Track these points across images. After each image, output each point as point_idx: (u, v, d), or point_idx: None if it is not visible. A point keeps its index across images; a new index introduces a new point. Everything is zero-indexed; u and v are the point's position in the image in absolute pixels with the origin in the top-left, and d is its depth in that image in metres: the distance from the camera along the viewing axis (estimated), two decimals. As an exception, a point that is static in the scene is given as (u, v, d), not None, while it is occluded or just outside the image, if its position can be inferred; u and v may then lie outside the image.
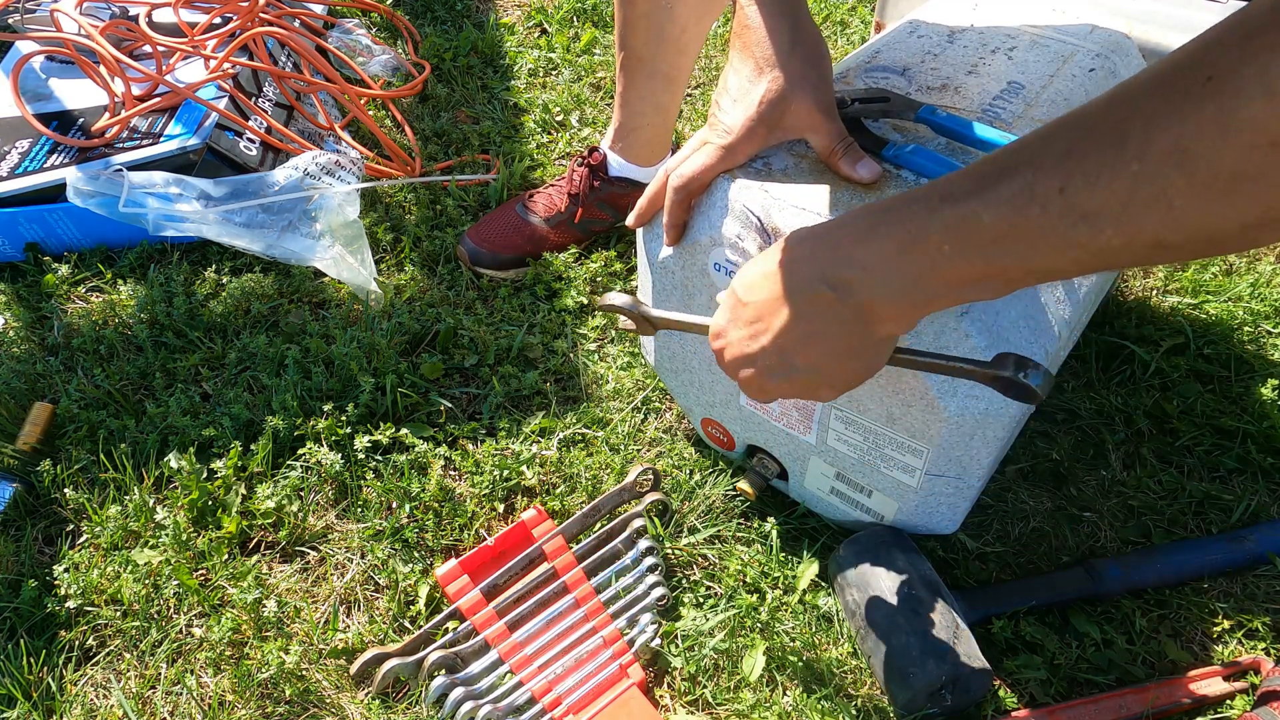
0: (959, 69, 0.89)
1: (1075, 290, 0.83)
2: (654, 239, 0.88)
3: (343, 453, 1.07)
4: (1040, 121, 0.81)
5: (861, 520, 0.96)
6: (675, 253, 0.85)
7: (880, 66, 0.91)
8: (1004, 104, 0.84)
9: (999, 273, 0.53)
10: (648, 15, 1.09)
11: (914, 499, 0.87)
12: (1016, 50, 0.92)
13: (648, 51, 1.13)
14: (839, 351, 0.63)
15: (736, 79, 0.76)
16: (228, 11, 1.48)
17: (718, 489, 1.03)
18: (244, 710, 0.88)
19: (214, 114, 1.36)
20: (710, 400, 0.99)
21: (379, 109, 1.59)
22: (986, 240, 0.51)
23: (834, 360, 0.64)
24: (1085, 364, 1.19)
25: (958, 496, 0.87)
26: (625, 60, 1.16)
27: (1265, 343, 1.20)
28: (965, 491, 0.86)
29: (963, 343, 0.72)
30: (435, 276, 1.30)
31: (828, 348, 0.63)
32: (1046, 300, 0.79)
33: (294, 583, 0.98)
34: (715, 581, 0.97)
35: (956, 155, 0.78)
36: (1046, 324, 0.78)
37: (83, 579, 0.95)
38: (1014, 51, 0.92)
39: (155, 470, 1.06)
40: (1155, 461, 1.08)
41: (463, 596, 0.93)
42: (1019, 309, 0.76)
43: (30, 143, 1.35)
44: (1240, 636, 0.93)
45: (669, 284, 0.88)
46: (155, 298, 1.23)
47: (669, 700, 0.90)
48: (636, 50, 1.14)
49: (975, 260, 0.53)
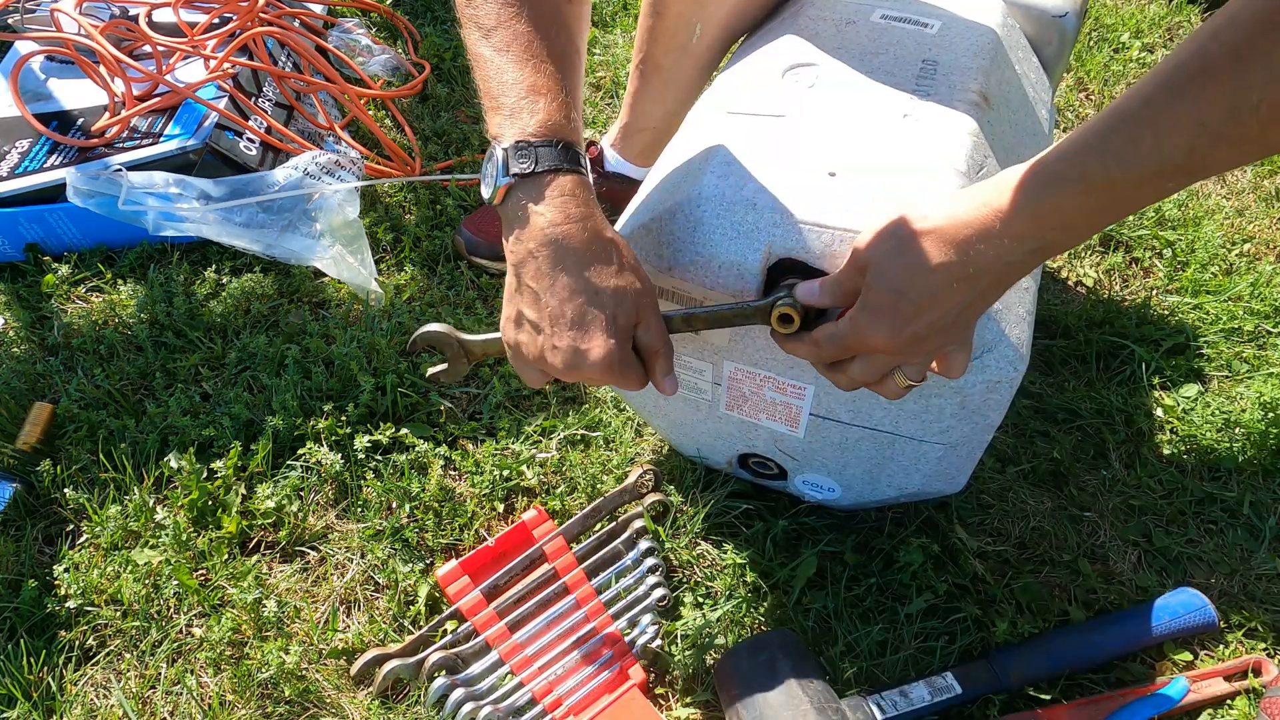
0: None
1: None
2: None
3: (343, 453, 1.07)
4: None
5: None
6: None
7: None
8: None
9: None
10: (674, 30, 1.08)
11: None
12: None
13: (668, 61, 1.13)
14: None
15: None
16: (227, 11, 1.48)
17: (718, 489, 1.03)
18: (244, 710, 0.88)
19: (214, 114, 1.36)
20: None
21: (379, 109, 1.59)
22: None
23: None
24: (1085, 364, 1.19)
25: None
26: (643, 65, 1.17)
27: (1265, 343, 1.20)
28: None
29: None
30: (435, 276, 1.30)
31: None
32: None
33: (294, 583, 0.98)
34: (715, 581, 0.97)
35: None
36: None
37: (83, 579, 0.95)
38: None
39: (155, 470, 1.06)
40: (1155, 461, 1.08)
41: (463, 597, 0.93)
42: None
43: (30, 143, 1.34)
44: (1240, 636, 0.94)
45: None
46: (155, 298, 1.23)
47: (670, 701, 0.90)
48: (656, 59, 1.14)
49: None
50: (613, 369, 0.69)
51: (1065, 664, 0.89)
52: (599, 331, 0.69)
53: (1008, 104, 0.90)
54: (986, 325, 0.74)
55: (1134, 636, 0.90)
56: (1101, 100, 1.61)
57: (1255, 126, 0.50)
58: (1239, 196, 1.44)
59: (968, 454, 0.86)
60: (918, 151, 0.78)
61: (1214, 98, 0.50)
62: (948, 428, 0.82)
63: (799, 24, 0.94)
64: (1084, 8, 1.04)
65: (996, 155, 0.84)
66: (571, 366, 0.70)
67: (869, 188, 0.75)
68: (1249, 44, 0.49)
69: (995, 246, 0.60)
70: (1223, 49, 0.50)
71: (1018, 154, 0.89)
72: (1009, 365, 0.75)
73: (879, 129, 0.81)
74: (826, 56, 0.89)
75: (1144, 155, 0.54)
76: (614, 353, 0.69)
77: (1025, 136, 0.92)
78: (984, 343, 0.74)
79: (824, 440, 0.89)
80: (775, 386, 0.86)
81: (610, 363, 0.69)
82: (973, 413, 0.79)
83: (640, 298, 0.71)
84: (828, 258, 0.73)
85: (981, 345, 0.74)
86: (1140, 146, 0.54)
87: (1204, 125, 0.51)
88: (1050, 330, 1.23)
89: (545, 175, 0.68)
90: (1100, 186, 0.56)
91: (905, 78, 0.86)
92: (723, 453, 1.00)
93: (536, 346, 0.71)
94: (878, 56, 0.88)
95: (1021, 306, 0.78)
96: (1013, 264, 0.61)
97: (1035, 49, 1.02)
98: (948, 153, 0.78)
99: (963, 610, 0.94)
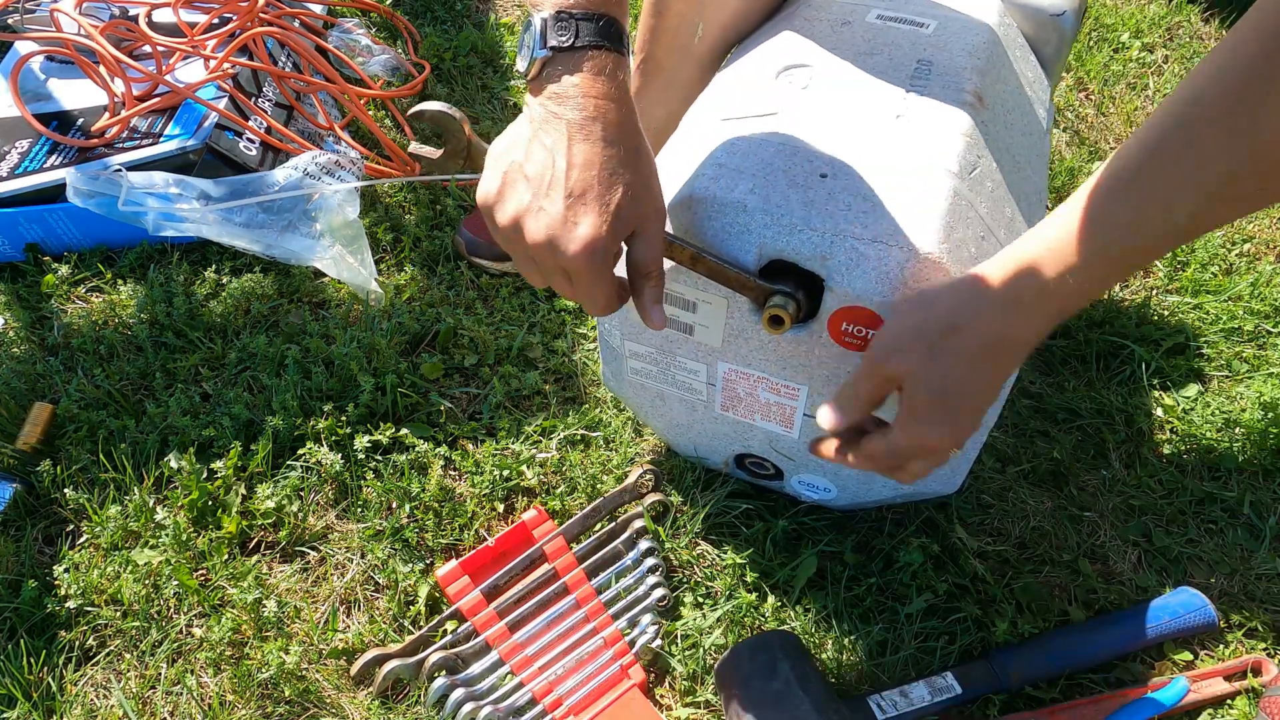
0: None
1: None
2: None
3: (343, 453, 1.07)
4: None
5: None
6: None
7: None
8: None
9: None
10: (675, 30, 1.08)
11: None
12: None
13: (669, 61, 1.14)
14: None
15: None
16: (227, 11, 1.48)
17: (718, 489, 1.03)
18: (244, 710, 0.88)
19: (214, 114, 1.36)
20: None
21: (379, 109, 1.59)
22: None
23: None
24: (1085, 364, 1.19)
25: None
26: (644, 64, 1.17)
27: (1265, 343, 1.20)
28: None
29: None
30: (435, 276, 1.30)
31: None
32: None
33: (294, 583, 0.98)
34: (715, 581, 0.97)
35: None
36: None
37: (83, 579, 0.95)
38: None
39: (155, 470, 1.06)
40: (1155, 461, 1.08)
41: (463, 597, 0.93)
42: None
43: (30, 143, 1.34)
44: (1240, 636, 0.94)
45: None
46: (155, 298, 1.23)
47: (670, 701, 0.90)
48: (657, 58, 1.14)
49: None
50: (594, 258, 0.62)
51: (1065, 664, 0.89)
52: (595, 212, 0.62)
53: (1003, 104, 0.90)
54: None
55: (1134, 637, 0.90)
56: (1101, 100, 1.61)
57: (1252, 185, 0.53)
58: (1239, 196, 1.44)
59: (963, 455, 0.86)
60: (910, 152, 0.78)
61: (1207, 164, 0.53)
62: None
63: (795, 25, 0.94)
64: (1083, 7, 1.04)
65: (992, 155, 0.84)
66: (548, 238, 0.62)
67: (860, 189, 0.75)
68: (1229, 113, 0.52)
69: (1022, 330, 0.64)
70: (1204, 113, 0.53)
71: (1014, 154, 0.89)
72: None
73: (871, 130, 0.81)
74: (821, 57, 0.89)
75: (1155, 224, 0.57)
76: (602, 240, 0.62)
77: (1021, 136, 0.92)
78: None
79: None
80: (769, 388, 0.86)
81: (594, 249, 0.62)
82: None
83: (650, 204, 0.65)
84: (819, 259, 0.73)
85: None
86: (1150, 216, 0.57)
87: (1202, 187, 0.55)
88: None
89: (586, 50, 0.62)
90: (1116, 259, 0.59)
91: (900, 78, 0.86)
92: (719, 453, 1.00)
93: (519, 205, 0.63)
94: (873, 57, 0.88)
95: None
96: (1036, 339, 0.66)
97: (1034, 48, 1.02)
98: (940, 153, 0.78)
99: (963, 610, 0.94)
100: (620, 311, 0.87)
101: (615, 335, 0.90)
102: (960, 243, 0.74)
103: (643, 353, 0.91)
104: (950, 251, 0.72)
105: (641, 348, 0.90)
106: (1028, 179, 0.90)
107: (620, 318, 0.88)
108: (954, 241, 0.73)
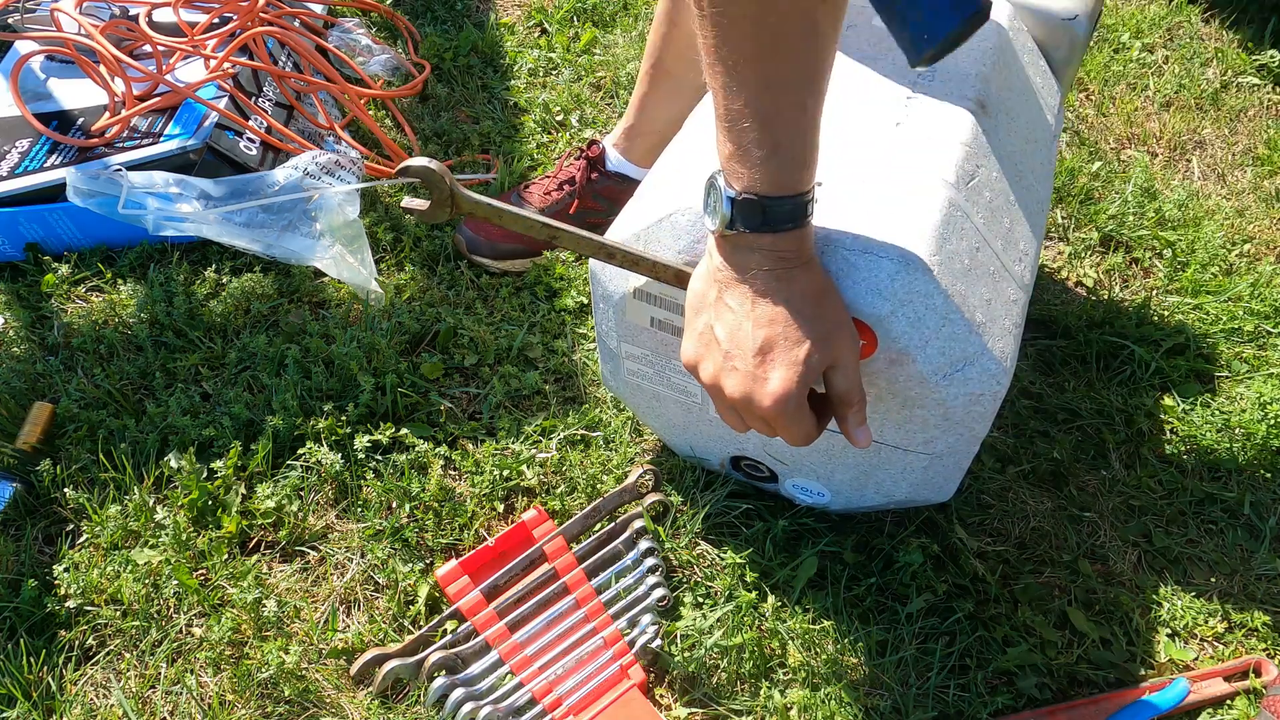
0: None
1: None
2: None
3: (343, 452, 1.07)
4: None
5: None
6: None
7: None
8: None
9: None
10: (689, 40, 1.09)
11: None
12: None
13: (679, 69, 1.14)
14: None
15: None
16: (228, 11, 1.48)
17: (717, 490, 1.03)
18: (244, 710, 0.88)
19: (214, 114, 1.36)
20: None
21: (379, 109, 1.59)
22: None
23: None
24: (1085, 364, 1.19)
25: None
26: (653, 70, 1.17)
27: (1265, 343, 1.20)
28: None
29: None
30: (435, 276, 1.30)
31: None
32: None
33: (294, 582, 0.98)
34: (715, 581, 0.97)
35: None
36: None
37: (83, 579, 0.95)
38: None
39: (155, 470, 1.06)
40: (1155, 461, 1.08)
41: (463, 597, 0.93)
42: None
43: (30, 142, 1.34)
44: (1240, 636, 0.94)
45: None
46: (155, 298, 1.23)
47: (670, 701, 0.90)
48: (667, 65, 1.14)
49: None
50: (786, 407, 0.67)
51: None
52: (785, 365, 0.66)
53: (1008, 110, 0.89)
54: (969, 338, 0.73)
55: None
56: (1101, 100, 1.61)
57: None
58: (1239, 197, 1.44)
59: (954, 464, 0.86)
60: (907, 162, 0.78)
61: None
62: (931, 438, 0.81)
63: None
64: (1097, 12, 1.03)
65: (993, 163, 0.83)
66: (743, 395, 0.68)
67: (855, 198, 0.75)
68: None
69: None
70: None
71: (1018, 161, 0.89)
72: (991, 379, 0.75)
73: (870, 137, 0.81)
74: None
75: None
76: (793, 392, 0.66)
77: (1026, 144, 0.91)
78: (965, 355, 0.74)
79: (811, 446, 0.89)
80: None
81: (785, 401, 0.66)
82: (956, 424, 0.79)
83: (840, 344, 0.68)
84: None
85: (963, 358, 0.74)
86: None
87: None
88: (1050, 330, 1.23)
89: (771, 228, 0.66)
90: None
91: (902, 83, 0.86)
92: (715, 454, 1.00)
93: (715, 365, 0.69)
94: (877, 61, 0.88)
95: (1008, 319, 0.78)
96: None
97: (1044, 53, 1.01)
98: (937, 163, 0.78)
99: (962, 610, 0.94)
100: (615, 313, 0.87)
101: (612, 337, 0.90)
102: (953, 254, 0.74)
103: (638, 355, 0.91)
104: (942, 263, 0.72)
105: (637, 350, 0.90)
106: (1029, 187, 0.89)
107: (615, 319, 0.88)
108: (946, 253, 0.73)
